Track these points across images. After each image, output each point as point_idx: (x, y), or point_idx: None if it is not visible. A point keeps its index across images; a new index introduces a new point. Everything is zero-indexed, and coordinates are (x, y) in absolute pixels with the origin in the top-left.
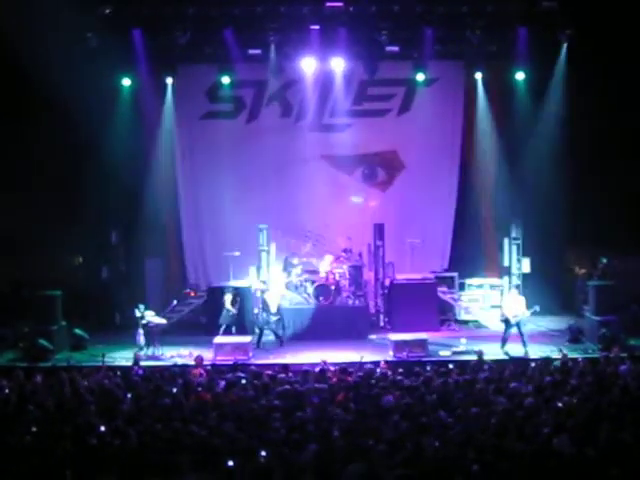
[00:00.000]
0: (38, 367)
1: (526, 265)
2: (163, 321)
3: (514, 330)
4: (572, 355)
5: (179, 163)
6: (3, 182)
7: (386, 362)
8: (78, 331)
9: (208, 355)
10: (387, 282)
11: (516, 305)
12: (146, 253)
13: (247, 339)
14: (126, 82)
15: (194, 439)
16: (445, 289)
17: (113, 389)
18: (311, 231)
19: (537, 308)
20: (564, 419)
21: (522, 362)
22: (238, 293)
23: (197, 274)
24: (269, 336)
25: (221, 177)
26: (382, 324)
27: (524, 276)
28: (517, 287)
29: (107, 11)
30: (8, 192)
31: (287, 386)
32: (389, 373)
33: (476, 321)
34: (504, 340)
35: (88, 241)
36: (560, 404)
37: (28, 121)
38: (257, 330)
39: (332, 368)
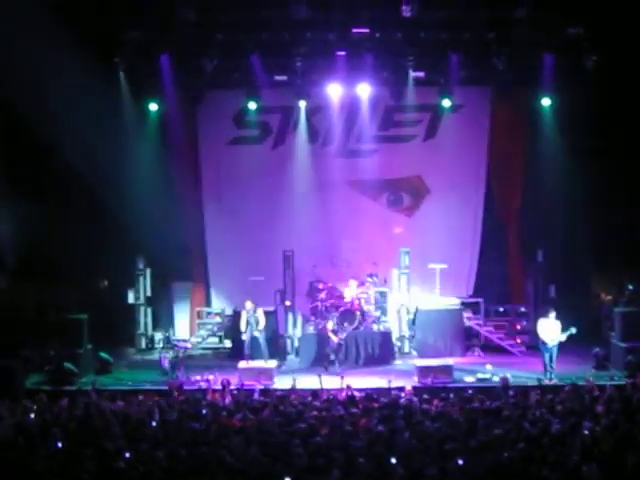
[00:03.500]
0: (63, 390)
1: (552, 291)
2: (188, 345)
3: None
4: (598, 382)
5: (205, 188)
6: (29, 207)
7: (411, 388)
8: (103, 355)
9: (233, 380)
10: (413, 308)
11: (552, 329)
12: (172, 277)
13: (272, 364)
14: (153, 107)
15: (219, 464)
16: (471, 315)
17: (139, 413)
18: (336, 256)
19: (573, 330)
20: (591, 447)
21: (548, 388)
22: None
23: (222, 298)
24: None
25: (247, 202)
26: (407, 350)
27: (550, 302)
28: (553, 311)
29: (135, 36)
30: (34, 216)
31: (314, 412)
32: (414, 399)
33: (501, 347)
34: (546, 366)
35: (114, 265)
36: (587, 431)
37: (55, 145)
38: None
39: (357, 394)
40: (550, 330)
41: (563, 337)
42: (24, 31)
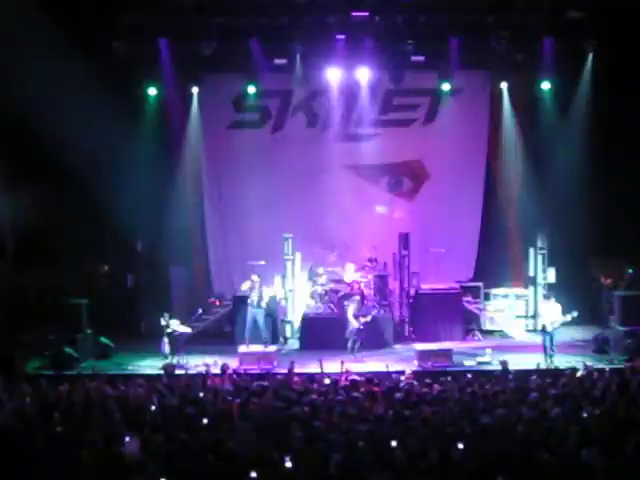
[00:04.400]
0: (63, 375)
1: (552, 275)
2: (188, 330)
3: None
4: (597, 366)
5: (205, 172)
6: (29, 190)
7: (411, 372)
8: (103, 339)
9: (233, 364)
10: (412, 292)
11: (553, 313)
12: (171, 261)
13: (272, 348)
14: (152, 91)
15: (218, 448)
16: (470, 299)
17: (139, 398)
18: (336, 240)
19: (574, 314)
20: (591, 430)
21: (547, 372)
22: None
23: (222, 283)
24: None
25: (247, 186)
26: (407, 334)
27: (550, 286)
28: (553, 295)
29: (133, 20)
30: (34, 201)
31: (314, 396)
32: (414, 383)
33: (501, 331)
34: (546, 349)
35: (114, 249)
36: (586, 414)
37: (53, 131)
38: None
39: (358, 378)
40: (550, 314)
41: (568, 318)
42: (18, 17)
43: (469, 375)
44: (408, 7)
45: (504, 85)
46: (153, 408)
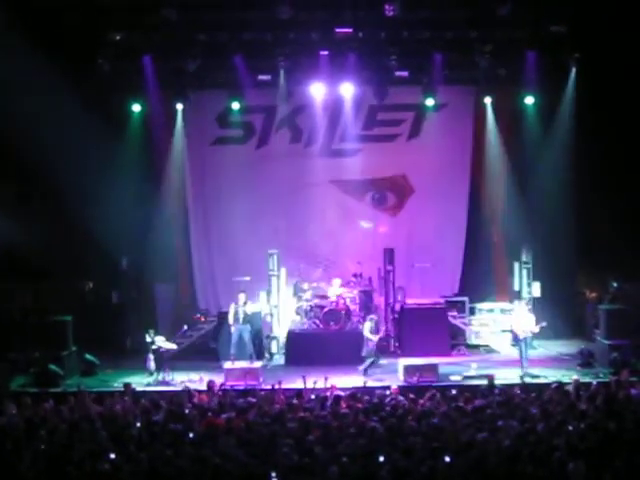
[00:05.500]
0: (48, 392)
1: (536, 289)
2: (173, 346)
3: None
4: (583, 379)
5: (189, 188)
6: (12, 208)
7: (397, 387)
8: (89, 356)
9: (218, 380)
10: (397, 307)
11: (526, 321)
12: (156, 278)
13: (258, 364)
14: (136, 108)
15: (205, 465)
16: (455, 313)
17: (124, 414)
18: (321, 256)
19: (544, 323)
20: (577, 444)
21: (533, 386)
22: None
23: (207, 299)
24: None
25: (231, 202)
26: (392, 349)
27: (535, 300)
28: (518, 301)
29: (117, 37)
30: (18, 218)
31: (300, 412)
32: (400, 398)
33: (487, 345)
34: (521, 360)
35: (98, 266)
36: (571, 428)
37: (38, 147)
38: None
39: (342, 393)
40: (523, 322)
41: (536, 329)
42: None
43: (454, 390)
44: (391, 23)
45: (488, 100)
46: (138, 425)
